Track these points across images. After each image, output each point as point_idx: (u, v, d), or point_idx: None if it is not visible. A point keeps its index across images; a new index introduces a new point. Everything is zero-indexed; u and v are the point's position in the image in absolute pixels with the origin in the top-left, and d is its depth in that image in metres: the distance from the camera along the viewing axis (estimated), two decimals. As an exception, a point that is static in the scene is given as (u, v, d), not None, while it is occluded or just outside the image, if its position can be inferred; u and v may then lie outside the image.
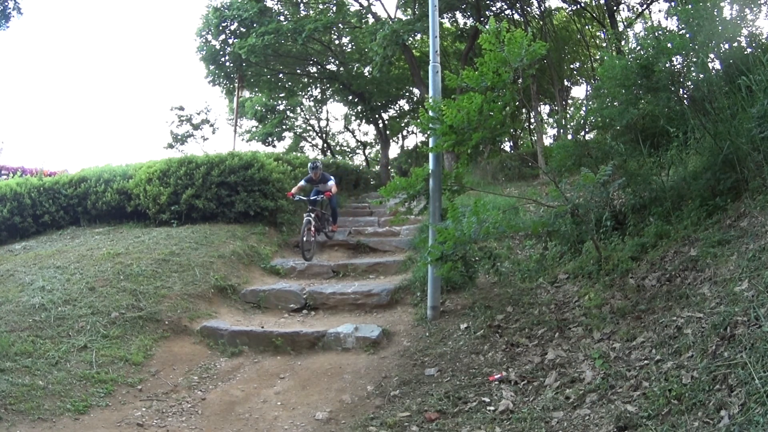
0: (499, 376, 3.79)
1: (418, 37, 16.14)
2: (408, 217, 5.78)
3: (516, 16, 16.20)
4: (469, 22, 16.87)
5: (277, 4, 17.32)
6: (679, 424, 2.49)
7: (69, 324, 4.95)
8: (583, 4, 16.50)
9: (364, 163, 27.70)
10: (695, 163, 5.09)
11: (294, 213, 9.31)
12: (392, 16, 15.84)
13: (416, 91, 19.39)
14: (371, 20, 16.44)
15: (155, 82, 47.59)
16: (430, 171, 5.43)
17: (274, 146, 23.90)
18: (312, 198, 8.24)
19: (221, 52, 16.59)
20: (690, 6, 4.87)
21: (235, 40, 15.51)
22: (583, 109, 7.49)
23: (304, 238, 7.57)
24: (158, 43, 47.74)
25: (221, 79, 17.83)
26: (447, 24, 18.55)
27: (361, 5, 16.87)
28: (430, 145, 5.47)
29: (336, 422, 3.66)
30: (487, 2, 15.61)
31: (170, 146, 25.45)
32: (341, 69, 19.73)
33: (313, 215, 7.93)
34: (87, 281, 5.83)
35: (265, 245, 7.93)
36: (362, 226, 9.55)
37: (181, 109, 25.63)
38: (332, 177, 8.71)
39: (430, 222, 5.49)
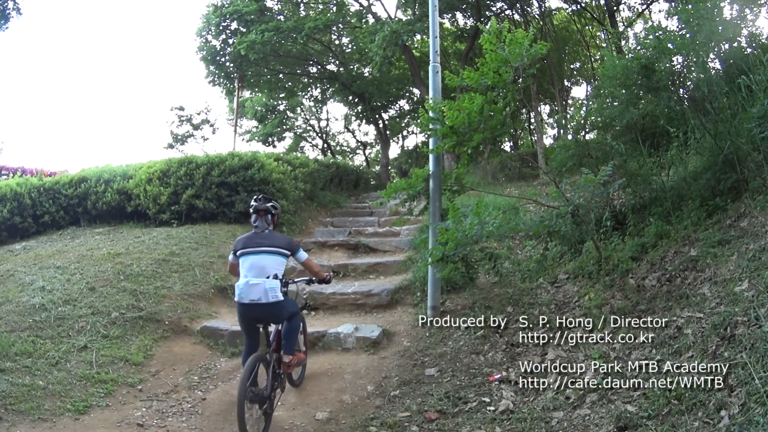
0: (499, 376, 3.79)
1: (418, 37, 16.12)
2: (408, 217, 5.78)
3: (516, 17, 16.20)
4: (469, 22, 16.85)
5: (277, 3, 17.33)
6: (679, 424, 2.49)
7: (69, 324, 4.94)
8: (583, 4, 16.50)
9: (364, 164, 27.68)
10: (695, 163, 5.09)
11: (294, 213, 9.29)
12: (392, 17, 15.83)
13: (416, 91, 19.36)
14: (371, 20, 16.44)
15: (155, 82, 47.55)
16: (430, 172, 5.43)
17: (274, 146, 23.87)
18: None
19: (221, 52, 16.56)
20: (690, 6, 4.87)
21: (235, 39, 15.50)
22: (584, 109, 7.48)
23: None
24: (158, 43, 47.73)
25: (221, 79, 17.80)
26: (447, 24, 18.53)
27: (361, 5, 16.87)
28: (431, 146, 5.47)
29: (336, 422, 3.66)
30: (488, 2, 15.59)
31: (170, 146, 25.38)
32: (341, 69, 19.72)
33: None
34: (87, 281, 5.83)
35: (265, 245, 7.91)
36: (362, 226, 9.54)
37: (181, 109, 25.56)
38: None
39: (431, 222, 5.49)
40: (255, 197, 3.94)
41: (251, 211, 3.87)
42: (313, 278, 4.12)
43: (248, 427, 3.23)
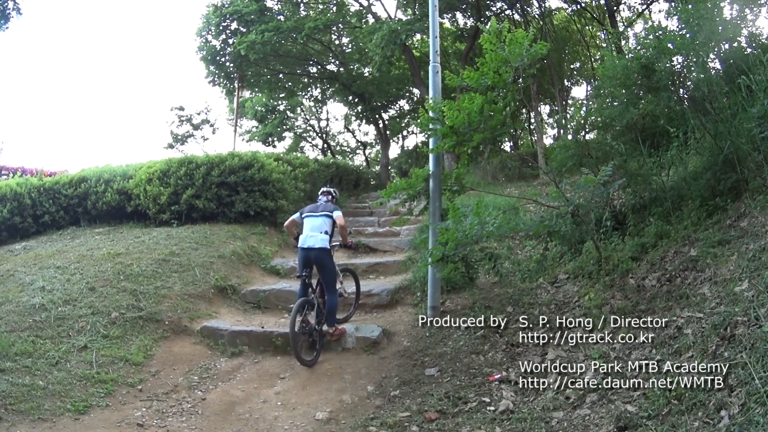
0: (499, 376, 3.80)
1: (418, 37, 16.13)
2: (408, 217, 5.79)
3: (516, 17, 16.20)
4: (470, 22, 16.85)
5: (277, 3, 17.33)
6: (679, 424, 2.49)
7: (69, 324, 4.95)
8: (583, 4, 16.49)
9: (364, 164, 27.66)
10: (695, 163, 5.09)
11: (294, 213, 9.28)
12: (392, 16, 15.83)
13: (416, 91, 19.35)
14: (371, 20, 16.44)
15: (155, 82, 47.48)
16: (430, 172, 5.43)
17: (274, 146, 23.85)
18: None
19: (221, 52, 16.56)
20: (690, 6, 4.87)
21: (235, 39, 15.50)
22: (584, 109, 7.48)
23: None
24: (158, 43, 47.71)
25: (221, 79, 17.80)
26: (447, 24, 18.53)
27: (361, 5, 16.87)
28: (431, 146, 5.47)
29: (336, 422, 3.67)
30: (488, 2, 15.59)
31: (170, 146, 25.34)
32: (341, 69, 19.71)
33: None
34: (87, 281, 5.83)
35: (265, 245, 7.93)
36: (362, 226, 9.54)
37: (181, 109, 25.53)
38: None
39: (431, 222, 5.49)
40: (324, 184, 5.81)
41: (320, 193, 5.65)
42: (341, 243, 5.45)
43: (302, 355, 4.63)
